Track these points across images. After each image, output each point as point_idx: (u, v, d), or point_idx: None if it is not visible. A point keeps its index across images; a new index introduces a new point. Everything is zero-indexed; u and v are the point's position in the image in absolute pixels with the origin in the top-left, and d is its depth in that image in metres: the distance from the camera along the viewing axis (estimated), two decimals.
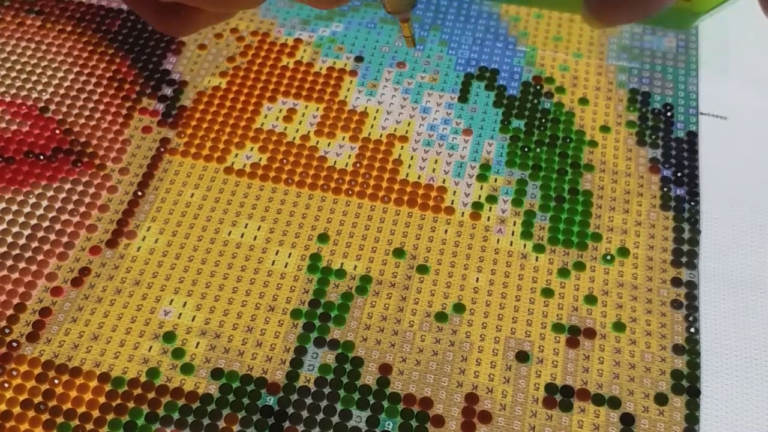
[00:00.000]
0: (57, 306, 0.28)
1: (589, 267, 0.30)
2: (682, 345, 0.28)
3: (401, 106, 0.35)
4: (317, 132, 0.34)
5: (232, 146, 0.33)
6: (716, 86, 0.36)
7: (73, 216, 0.31)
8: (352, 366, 0.27)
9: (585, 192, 0.32)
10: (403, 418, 0.26)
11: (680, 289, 0.29)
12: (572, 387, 0.27)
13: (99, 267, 0.30)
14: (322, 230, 0.31)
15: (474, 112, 0.35)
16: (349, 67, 0.36)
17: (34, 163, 0.32)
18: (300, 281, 0.29)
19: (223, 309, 0.29)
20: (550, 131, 0.34)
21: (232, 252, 0.30)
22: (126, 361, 0.27)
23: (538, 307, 0.29)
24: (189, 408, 0.26)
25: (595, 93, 0.36)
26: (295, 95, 0.35)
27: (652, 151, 0.34)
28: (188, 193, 0.32)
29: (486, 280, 0.30)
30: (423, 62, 0.37)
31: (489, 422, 0.26)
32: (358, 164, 0.33)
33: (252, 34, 0.37)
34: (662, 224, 0.31)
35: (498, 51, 0.37)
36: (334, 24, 0.38)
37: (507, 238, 0.31)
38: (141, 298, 0.29)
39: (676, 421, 0.27)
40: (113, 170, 0.32)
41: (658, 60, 0.37)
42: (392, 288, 0.29)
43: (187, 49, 0.37)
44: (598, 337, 0.28)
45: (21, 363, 0.27)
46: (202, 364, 0.27)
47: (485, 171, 0.33)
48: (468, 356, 0.28)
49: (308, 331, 0.28)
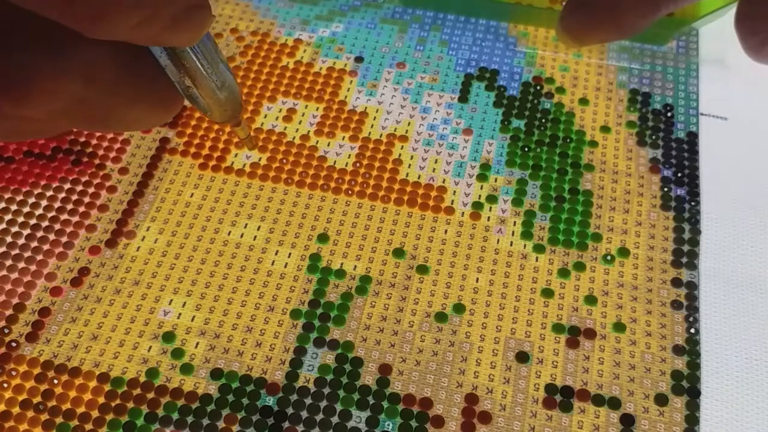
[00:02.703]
0: (56, 306, 0.28)
1: (589, 267, 0.30)
2: (682, 345, 0.28)
3: (401, 106, 0.35)
4: (317, 132, 0.34)
5: (231, 146, 0.33)
6: (716, 87, 0.36)
7: (72, 216, 0.31)
8: (351, 366, 0.27)
9: (585, 192, 0.32)
10: (402, 418, 0.26)
11: (680, 289, 0.29)
12: (572, 387, 0.27)
13: (98, 267, 0.29)
14: (321, 230, 0.31)
15: (474, 112, 0.35)
16: (349, 67, 0.36)
17: (33, 163, 0.32)
18: (300, 281, 0.29)
19: (222, 309, 0.29)
20: (551, 131, 0.34)
21: (231, 252, 0.30)
22: (125, 361, 0.27)
23: (538, 307, 0.29)
24: (188, 408, 0.26)
25: (595, 93, 0.35)
26: (295, 95, 0.35)
27: (653, 152, 0.33)
28: (188, 192, 0.32)
29: (486, 281, 0.30)
30: (423, 63, 0.37)
31: (489, 423, 0.26)
32: (358, 164, 0.33)
33: (252, 34, 0.37)
34: (662, 224, 0.31)
35: (498, 51, 0.37)
36: (334, 24, 0.38)
37: (507, 238, 0.31)
38: (140, 298, 0.29)
39: (676, 421, 0.26)
40: (113, 170, 0.32)
41: (659, 60, 0.37)
42: (392, 288, 0.29)
43: None
44: (598, 337, 0.28)
45: (20, 363, 0.27)
46: (201, 365, 0.27)
47: (485, 171, 0.33)
48: (468, 356, 0.28)
49: (308, 332, 0.28)
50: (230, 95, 0.24)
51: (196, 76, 0.22)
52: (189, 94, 0.23)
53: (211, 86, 0.23)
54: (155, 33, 0.20)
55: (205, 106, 0.23)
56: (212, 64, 0.22)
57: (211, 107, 0.23)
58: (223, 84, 0.23)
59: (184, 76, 0.22)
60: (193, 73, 0.22)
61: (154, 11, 0.19)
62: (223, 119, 0.24)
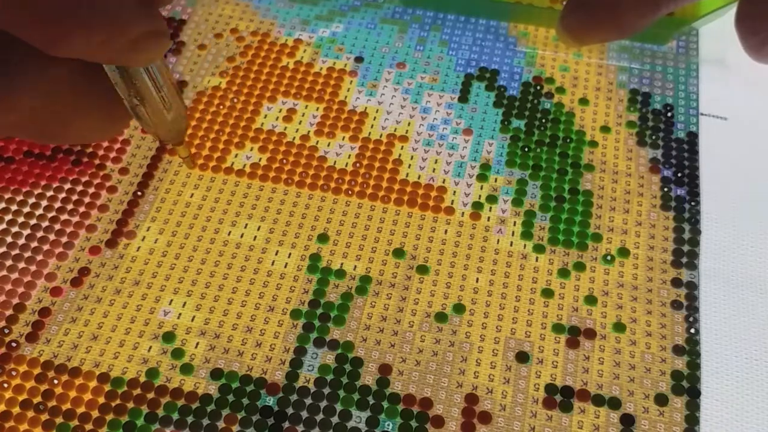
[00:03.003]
0: (56, 306, 0.28)
1: (589, 267, 0.30)
2: (682, 346, 0.28)
3: (401, 106, 0.35)
4: (317, 132, 0.34)
5: (232, 146, 0.33)
6: (716, 87, 0.36)
7: (72, 216, 0.31)
8: (351, 366, 0.27)
9: (585, 192, 0.32)
10: (402, 418, 0.26)
11: (680, 289, 0.29)
12: (572, 387, 0.27)
13: (98, 267, 0.30)
14: (321, 230, 0.31)
15: (474, 112, 0.35)
16: (349, 67, 0.36)
17: (33, 163, 0.32)
18: (300, 281, 0.29)
19: (222, 309, 0.29)
20: (551, 131, 0.34)
21: (231, 252, 0.30)
22: (125, 361, 0.27)
23: (538, 307, 0.29)
24: (188, 408, 0.26)
25: (595, 93, 0.35)
26: (295, 95, 0.35)
27: (653, 152, 0.33)
28: (188, 193, 0.32)
29: (486, 281, 0.30)
30: (423, 63, 0.37)
31: (489, 423, 0.26)
32: (358, 164, 0.33)
33: (252, 34, 0.37)
34: (662, 224, 0.31)
35: (498, 51, 0.37)
36: (334, 24, 0.38)
37: (507, 239, 0.31)
38: (140, 298, 0.29)
39: (676, 421, 0.26)
40: (113, 170, 0.32)
41: (659, 60, 0.37)
42: (392, 288, 0.29)
43: (186, 49, 0.37)
44: (598, 337, 0.28)
45: (20, 363, 0.27)
46: (201, 365, 0.27)
47: (485, 171, 0.33)
48: (468, 357, 0.28)
49: (308, 332, 0.28)
50: (176, 116, 0.24)
51: (144, 95, 0.23)
52: (136, 112, 0.23)
53: (158, 106, 0.23)
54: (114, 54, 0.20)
55: (150, 125, 0.24)
56: (162, 85, 0.23)
57: (157, 126, 0.24)
58: (171, 105, 0.24)
59: (134, 93, 0.22)
60: (143, 92, 0.23)
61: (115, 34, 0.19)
62: (167, 139, 0.25)
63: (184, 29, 0.37)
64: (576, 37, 0.31)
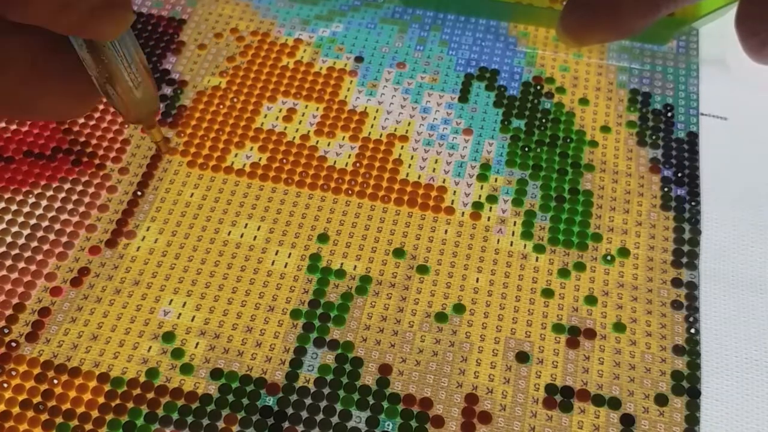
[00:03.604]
0: (56, 306, 0.28)
1: (589, 267, 0.30)
2: (682, 346, 0.28)
3: (401, 106, 0.35)
4: (317, 132, 0.34)
5: (231, 146, 0.33)
6: (716, 87, 0.36)
7: (72, 216, 0.31)
8: (351, 366, 0.27)
9: (585, 192, 0.32)
10: (402, 418, 0.26)
11: (680, 289, 0.29)
12: (572, 387, 0.27)
13: (98, 267, 0.29)
14: (321, 230, 0.31)
15: (474, 112, 0.35)
16: (349, 67, 0.36)
17: (33, 162, 0.32)
18: (300, 281, 0.29)
19: (222, 309, 0.29)
20: (551, 131, 0.34)
21: (231, 252, 0.30)
22: (125, 361, 0.27)
23: (538, 307, 0.29)
24: (188, 408, 0.26)
25: (595, 93, 0.35)
26: (295, 95, 0.35)
27: (653, 152, 0.33)
28: (188, 192, 0.32)
29: (486, 281, 0.29)
30: (423, 63, 0.37)
31: (489, 423, 0.26)
32: (358, 164, 0.33)
33: (252, 34, 0.37)
34: (663, 224, 0.31)
35: (498, 51, 0.37)
36: (334, 24, 0.38)
37: (507, 238, 0.31)
38: (140, 298, 0.29)
39: (676, 421, 0.26)
40: (113, 170, 0.32)
41: (659, 60, 0.37)
42: (392, 288, 0.29)
43: (186, 49, 0.37)
44: (598, 337, 0.28)
45: (20, 363, 0.27)
46: (201, 365, 0.27)
47: (485, 171, 0.33)
48: (468, 357, 0.28)
49: (308, 332, 0.28)
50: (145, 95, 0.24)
51: (113, 72, 0.23)
52: (105, 90, 0.23)
53: (127, 84, 0.23)
54: (73, 22, 0.20)
55: (119, 104, 0.24)
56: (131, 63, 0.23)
57: (127, 105, 0.24)
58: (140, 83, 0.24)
59: (103, 70, 0.22)
60: (111, 68, 0.23)
61: None
62: (138, 119, 0.25)
63: (184, 29, 0.37)
64: (576, 38, 0.31)
